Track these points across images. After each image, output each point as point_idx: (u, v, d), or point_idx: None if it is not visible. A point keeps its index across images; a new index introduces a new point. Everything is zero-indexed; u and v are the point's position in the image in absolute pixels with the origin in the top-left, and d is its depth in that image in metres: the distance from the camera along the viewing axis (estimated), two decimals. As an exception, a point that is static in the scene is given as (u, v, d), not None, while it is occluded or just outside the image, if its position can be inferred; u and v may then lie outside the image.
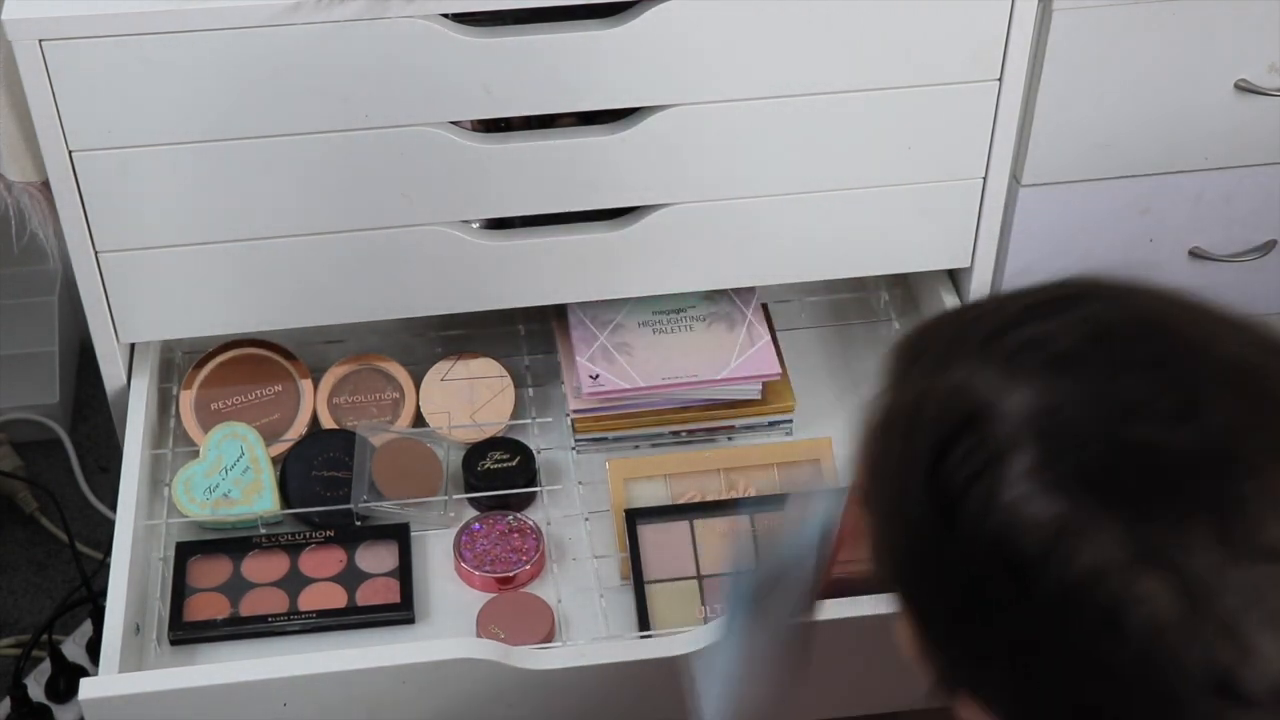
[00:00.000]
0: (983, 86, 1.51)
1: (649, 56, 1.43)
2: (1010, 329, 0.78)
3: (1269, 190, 1.65)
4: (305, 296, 1.55)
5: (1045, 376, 0.75)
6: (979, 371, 0.77)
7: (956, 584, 0.76)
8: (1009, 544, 0.73)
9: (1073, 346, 0.76)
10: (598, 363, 1.61)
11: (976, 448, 0.75)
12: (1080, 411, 0.74)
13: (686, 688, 1.23)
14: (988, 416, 0.75)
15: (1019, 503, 0.73)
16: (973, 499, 0.74)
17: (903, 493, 0.78)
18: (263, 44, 1.37)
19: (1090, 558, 0.71)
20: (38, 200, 1.48)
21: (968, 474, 0.74)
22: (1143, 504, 0.71)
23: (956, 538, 0.75)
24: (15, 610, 1.91)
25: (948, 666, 0.81)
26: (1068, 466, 0.73)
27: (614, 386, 1.59)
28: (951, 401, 0.77)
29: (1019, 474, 0.73)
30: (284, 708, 1.31)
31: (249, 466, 1.55)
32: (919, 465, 0.77)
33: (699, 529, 1.50)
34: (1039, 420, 0.74)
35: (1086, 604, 0.71)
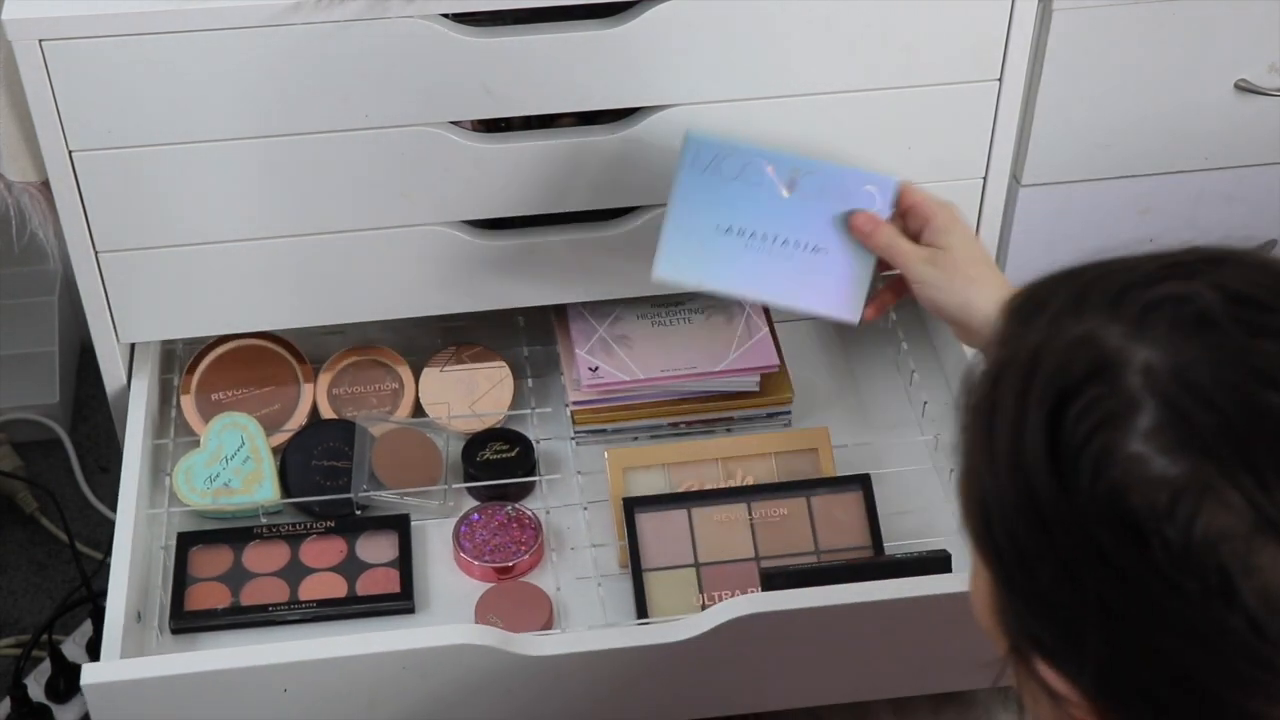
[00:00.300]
0: (983, 86, 1.51)
1: (649, 56, 1.43)
2: (1143, 286, 0.76)
3: (1269, 190, 1.65)
4: (305, 296, 1.55)
5: (1178, 335, 0.74)
6: (1108, 326, 0.75)
7: (1062, 539, 0.74)
8: (1125, 501, 0.72)
9: (1209, 308, 0.74)
10: (597, 355, 1.61)
11: (1101, 399, 0.73)
12: (1212, 373, 0.72)
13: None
14: (1115, 369, 0.74)
15: (1140, 459, 0.72)
16: (1091, 452, 0.73)
17: (1014, 443, 0.76)
18: (263, 44, 1.37)
19: (1210, 522, 0.70)
20: (38, 200, 1.48)
21: (1089, 426, 0.73)
22: (1269, 472, 0.70)
23: (1069, 490, 0.73)
24: (15, 610, 1.91)
25: (1031, 628, 0.79)
26: (1195, 428, 0.71)
27: (613, 379, 1.59)
28: (1077, 352, 0.75)
29: (1143, 430, 0.72)
30: (284, 694, 1.31)
31: (249, 456, 1.55)
32: (1036, 415, 0.75)
33: (697, 518, 1.50)
34: (1169, 378, 0.73)
35: (1200, 568, 0.70)
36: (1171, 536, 0.71)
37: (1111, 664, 0.75)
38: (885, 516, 1.51)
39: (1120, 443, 0.72)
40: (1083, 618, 0.75)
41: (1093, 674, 0.76)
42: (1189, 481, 0.71)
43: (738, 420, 1.63)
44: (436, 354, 1.68)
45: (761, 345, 1.61)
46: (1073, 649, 0.76)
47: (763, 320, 1.63)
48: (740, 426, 1.63)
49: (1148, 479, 0.71)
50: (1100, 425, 0.73)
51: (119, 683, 1.28)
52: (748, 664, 1.38)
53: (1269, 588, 0.70)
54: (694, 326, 1.64)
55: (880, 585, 1.35)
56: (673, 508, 1.51)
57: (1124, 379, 0.73)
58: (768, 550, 1.49)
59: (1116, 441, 0.72)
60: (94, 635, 1.76)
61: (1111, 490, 0.72)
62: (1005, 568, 0.79)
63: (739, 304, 1.65)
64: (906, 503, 1.56)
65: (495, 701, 1.35)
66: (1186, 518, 0.70)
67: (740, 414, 1.63)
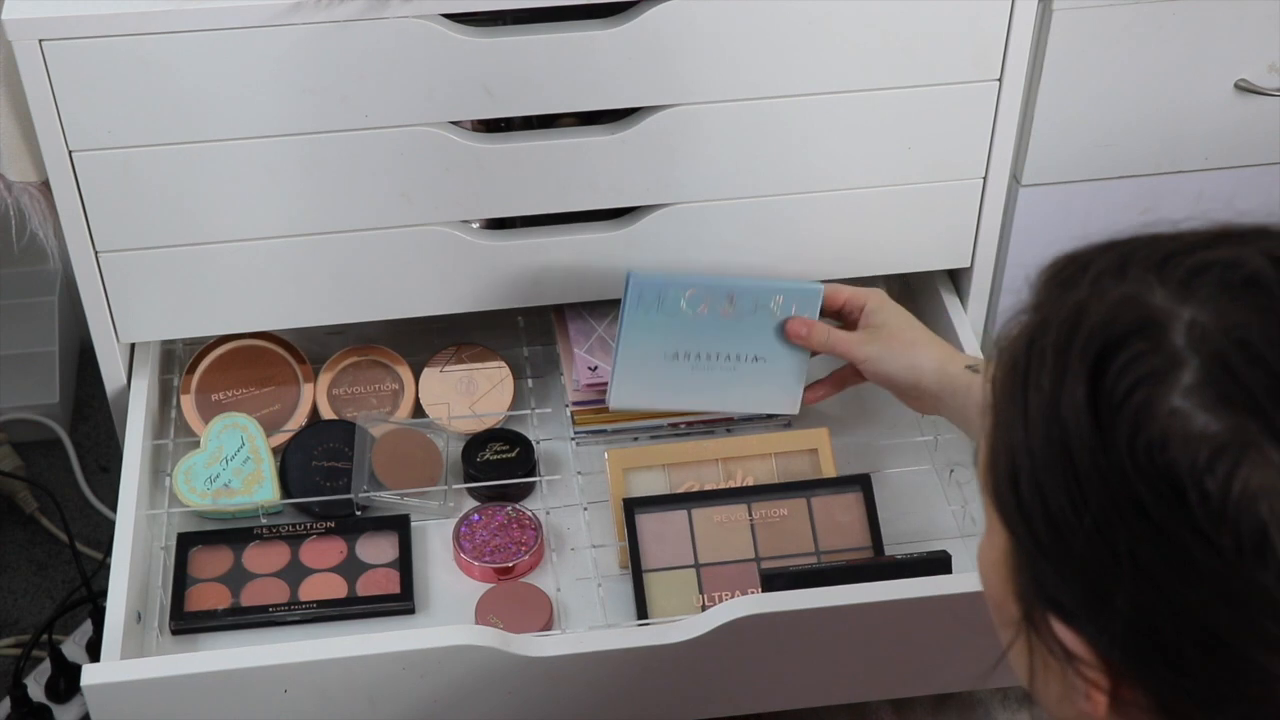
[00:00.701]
0: (983, 86, 1.51)
1: (649, 56, 1.43)
2: (1189, 252, 0.77)
3: (1269, 190, 1.65)
4: (305, 296, 1.55)
5: (1226, 297, 0.74)
6: (1154, 287, 0.76)
7: (1096, 494, 0.74)
8: (1164, 455, 0.72)
9: (1259, 271, 0.75)
10: (596, 354, 1.62)
11: (1145, 355, 0.73)
12: (1258, 335, 0.73)
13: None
14: (1160, 327, 0.74)
15: (1182, 415, 0.72)
16: (1132, 406, 0.73)
17: (1053, 397, 0.76)
18: (263, 44, 1.37)
19: (1250, 478, 0.70)
20: (38, 200, 1.48)
21: (1131, 381, 0.73)
22: None
23: (1108, 445, 0.73)
24: (15, 610, 1.91)
25: (1052, 589, 0.78)
26: (1238, 386, 0.72)
27: None
28: (1122, 309, 0.75)
29: (1187, 386, 0.72)
30: (284, 694, 1.31)
31: (249, 457, 1.55)
32: (1078, 369, 0.75)
33: (697, 518, 1.50)
34: (1214, 337, 0.73)
35: (1237, 524, 0.70)
36: (1210, 490, 0.71)
37: (1137, 623, 0.75)
38: (885, 517, 1.51)
39: (1162, 398, 0.72)
40: (1112, 575, 0.74)
41: (1117, 634, 0.76)
42: (1231, 438, 0.71)
43: (738, 420, 1.63)
44: (436, 354, 1.68)
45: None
46: (1097, 608, 0.76)
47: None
48: (740, 427, 1.63)
49: (1189, 434, 0.71)
50: (1142, 380, 0.73)
51: (119, 683, 1.28)
52: (748, 664, 1.38)
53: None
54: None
55: (880, 586, 1.35)
56: (673, 508, 1.51)
57: (1169, 336, 0.73)
58: (768, 551, 1.49)
59: (1159, 397, 0.72)
60: (94, 635, 1.76)
61: (1151, 445, 0.72)
62: (1030, 527, 0.78)
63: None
64: (906, 503, 1.56)
65: (495, 702, 1.35)
66: (1226, 473, 0.70)
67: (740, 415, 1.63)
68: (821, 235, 1.58)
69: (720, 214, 1.55)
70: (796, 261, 1.60)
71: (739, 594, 1.40)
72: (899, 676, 1.45)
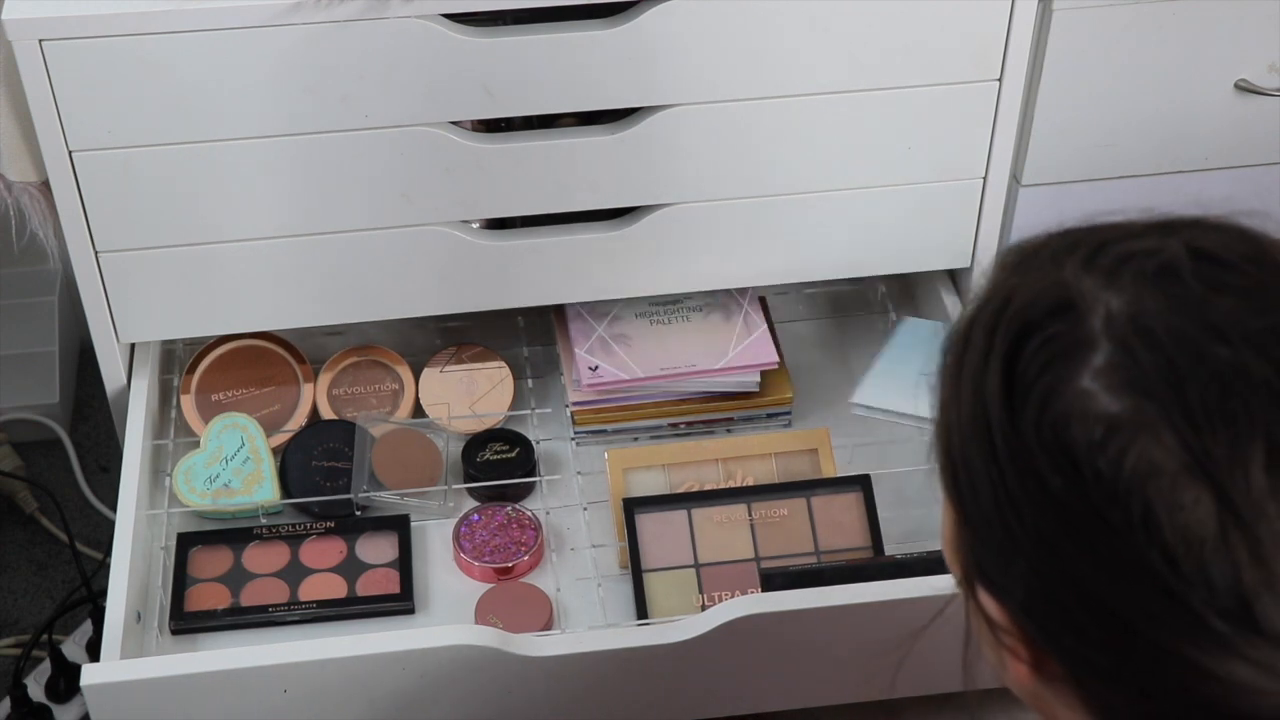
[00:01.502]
0: (983, 86, 1.51)
1: (649, 56, 1.43)
2: (1121, 241, 0.81)
3: (1269, 190, 1.65)
4: (305, 296, 1.55)
5: (1142, 285, 0.77)
6: (1083, 275, 0.78)
7: (1008, 466, 0.77)
8: (1066, 432, 0.74)
9: (1173, 260, 0.78)
10: (596, 354, 1.62)
11: (1058, 336, 0.76)
12: (1168, 322, 0.75)
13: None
14: (1080, 311, 0.76)
15: (1086, 395, 0.74)
16: (1043, 385, 0.75)
17: (978, 375, 0.79)
18: (263, 44, 1.37)
19: (1141, 457, 0.72)
20: (38, 200, 1.48)
21: (1044, 359, 0.76)
22: (1206, 420, 0.73)
23: (1018, 420, 0.76)
24: (15, 610, 1.91)
25: (977, 554, 0.82)
26: (1141, 370, 0.74)
27: (613, 378, 1.60)
28: (1047, 293, 0.78)
29: (1094, 368, 0.75)
30: (284, 694, 1.31)
31: (249, 457, 1.55)
32: (1000, 348, 0.78)
33: (697, 518, 1.50)
34: (1125, 323, 0.75)
35: (1128, 500, 0.72)
36: (1103, 468, 0.73)
37: (1038, 591, 0.78)
38: (885, 517, 1.51)
39: (1071, 378, 0.75)
40: (1017, 544, 0.78)
41: (1021, 600, 0.79)
42: (1127, 418, 0.73)
43: (738, 421, 1.63)
44: (436, 354, 1.68)
45: (760, 342, 1.61)
46: (1007, 575, 0.79)
47: (760, 317, 1.64)
48: (740, 427, 1.63)
49: (1089, 413, 0.74)
50: (1054, 359, 0.76)
51: (119, 683, 1.29)
52: (748, 664, 1.38)
53: (1189, 526, 0.72)
54: (692, 324, 1.64)
55: (880, 585, 1.35)
56: (673, 508, 1.51)
57: (1086, 320, 0.76)
58: (768, 550, 1.49)
59: (1067, 377, 0.75)
60: (94, 635, 1.76)
61: (1055, 422, 0.75)
62: (960, 495, 0.82)
63: (737, 301, 1.65)
64: (906, 503, 1.56)
65: (495, 701, 1.35)
66: (1118, 451, 0.73)
67: (740, 414, 1.63)
68: (821, 235, 1.58)
69: (720, 214, 1.55)
70: (796, 262, 1.60)
71: (739, 594, 1.40)
72: (898, 676, 1.44)
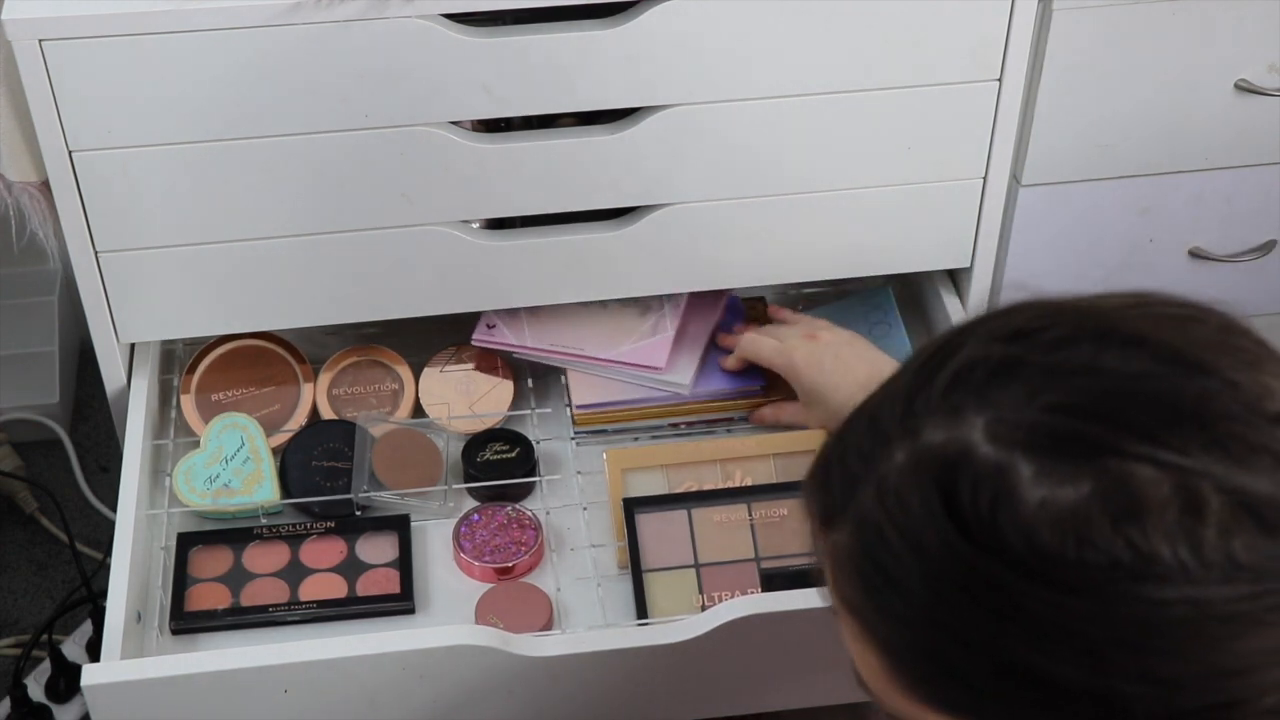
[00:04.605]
0: (983, 86, 1.51)
1: (649, 56, 1.43)
2: (916, 395, 0.78)
3: (1269, 190, 1.65)
4: (305, 296, 1.55)
5: (988, 393, 0.76)
6: (916, 439, 0.76)
7: (1027, 609, 0.73)
8: (1068, 537, 0.72)
9: (998, 357, 0.77)
10: (502, 314, 1.64)
11: (978, 486, 0.74)
12: (1044, 396, 0.74)
13: None
14: (961, 452, 0.75)
15: (1051, 501, 0.72)
16: (1006, 525, 0.73)
17: (922, 558, 0.75)
18: (263, 44, 1.37)
19: (1152, 505, 0.71)
20: (38, 200, 1.48)
21: (987, 509, 0.73)
22: (1158, 437, 0.72)
23: (1008, 565, 0.73)
24: (15, 610, 1.91)
25: (936, 688, 0.79)
26: (1072, 446, 0.73)
27: (501, 340, 1.63)
28: (921, 472, 0.76)
29: (1030, 479, 0.73)
30: (285, 694, 1.31)
31: (249, 457, 1.55)
32: (934, 525, 0.75)
33: (696, 518, 1.50)
34: (1014, 428, 0.74)
35: (1164, 557, 0.71)
36: (1130, 547, 0.71)
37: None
38: (885, 517, 1.51)
39: (1020, 500, 0.72)
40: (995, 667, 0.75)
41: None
42: (1103, 489, 0.72)
43: (738, 420, 1.63)
44: (436, 354, 1.68)
45: (656, 346, 1.60)
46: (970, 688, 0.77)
47: (673, 323, 1.62)
48: (741, 427, 1.63)
49: (1062, 514, 0.72)
50: (995, 500, 0.73)
51: (119, 683, 1.28)
52: (748, 664, 1.38)
53: (1220, 531, 0.71)
54: (607, 312, 1.64)
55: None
56: (672, 508, 1.51)
57: (976, 457, 0.74)
58: (768, 550, 1.49)
59: (1016, 503, 0.72)
60: (94, 635, 1.76)
61: (1044, 547, 0.72)
62: (932, 659, 0.78)
63: (666, 304, 1.64)
64: (906, 503, 1.55)
65: (495, 702, 1.35)
66: (1132, 519, 0.71)
67: (741, 415, 1.63)
68: (821, 235, 1.58)
69: (720, 214, 1.55)
70: (797, 262, 1.60)
71: (739, 594, 1.40)
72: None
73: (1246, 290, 1.72)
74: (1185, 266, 1.69)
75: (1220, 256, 1.69)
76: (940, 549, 0.75)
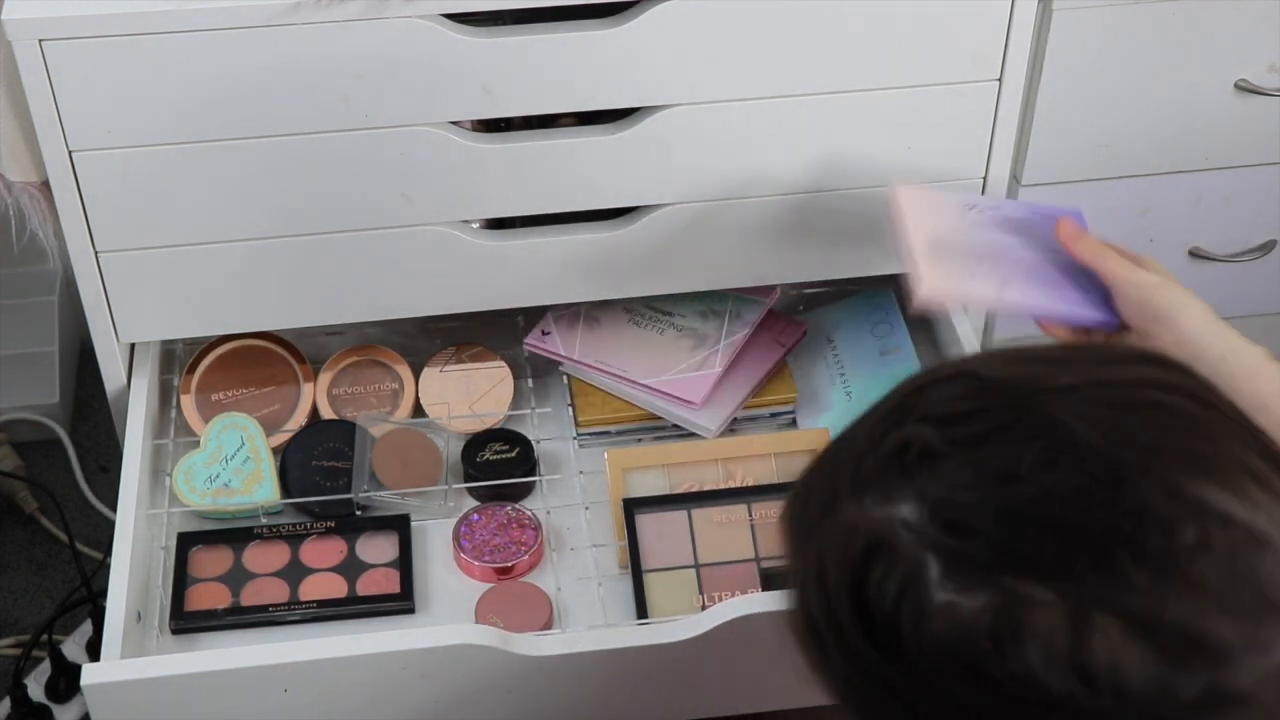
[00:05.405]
0: (983, 86, 1.51)
1: (649, 56, 1.43)
2: (870, 450, 0.79)
3: (1269, 190, 1.65)
4: (305, 296, 1.55)
5: (916, 481, 0.76)
6: (857, 505, 0.77)
7: (920, 700, 0.75)
8: (959, 648, 0.72)
9: (926, 442, 0.77)
10: (560, 323, 1.65)
11: (889, 573, 0.74)
12: (961, 496, 0.74)
13: None
14: (884, 540, 0.75)
15: (951, 607, 0.73)
16: (906, 620, 0.74)
17: (838, 637, 0.77)
18: (263, 44, 1.37)
19: (1039, 632, 0.71)
20: (38, 200, 1.48)
21: (892, 599, 0.74)
22: (1061, 560, 0.72)
23: (905, 658, 0.74)
24: (15, 610, 1.91)
25: None
26: (978, 555, 0.73)
27: (553, 349, 1.64)
28: (848, 542, 0.77)
29: (938, 579, 0.73)
30: (284, 694, 1.31)
31: (249, 456, 1.55)
32: (844, 610, 0.76)
33: (697, 518, 1.50)
34: (929, 522, 0.74)
35: (1049, 683, 0.71)
36: (1012, 664, 0.71)
37: None
38: (885, 517, 1.51)
39: (926, 599, 0.73)
40: None
41: None
42: (1001, 606, 0.71)
43: (740, 420, 1.63)
44: (436, 354, 1.68)
45: (698, 382, 1.60)
46: None
47: (722, 364, 1.61)
48: (743, 426, 1.63)
49: (967, 622, 0.72)
50: (902, 593, 0.74)
51: (119, 683, 1.28)
52: (748, 664, 1.38)
53: (1111, 659, 0.70)
54: (660, 338, 1.64)
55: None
56: (673, 508, 1.51)
57: (896, 544, 0.75)
58: (768, 550, 1.49)
59: (923, 600, 0.73)
60: (94, 635, 1.76)
61: (943, 643, 0.73)
62: None
63: (716, 337, 1.63)
64: (906, 503, 1.55)
65: (495, 701, 1.35)
66: (1018, 639, 0.71)
67: (743, 415, 1.63)
68: (822, 235, 1.58)
69: (720, 214, 1.55)
70: (797, 262, 1.60)
71: (739, 594, 1.40)
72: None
73: (1246, 290, 1.72)
74: (1185, 267, 1.69)
75: (1220, 256, 1.69)
76: (849, 635, 0.76)
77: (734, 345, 1.62)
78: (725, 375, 1.61)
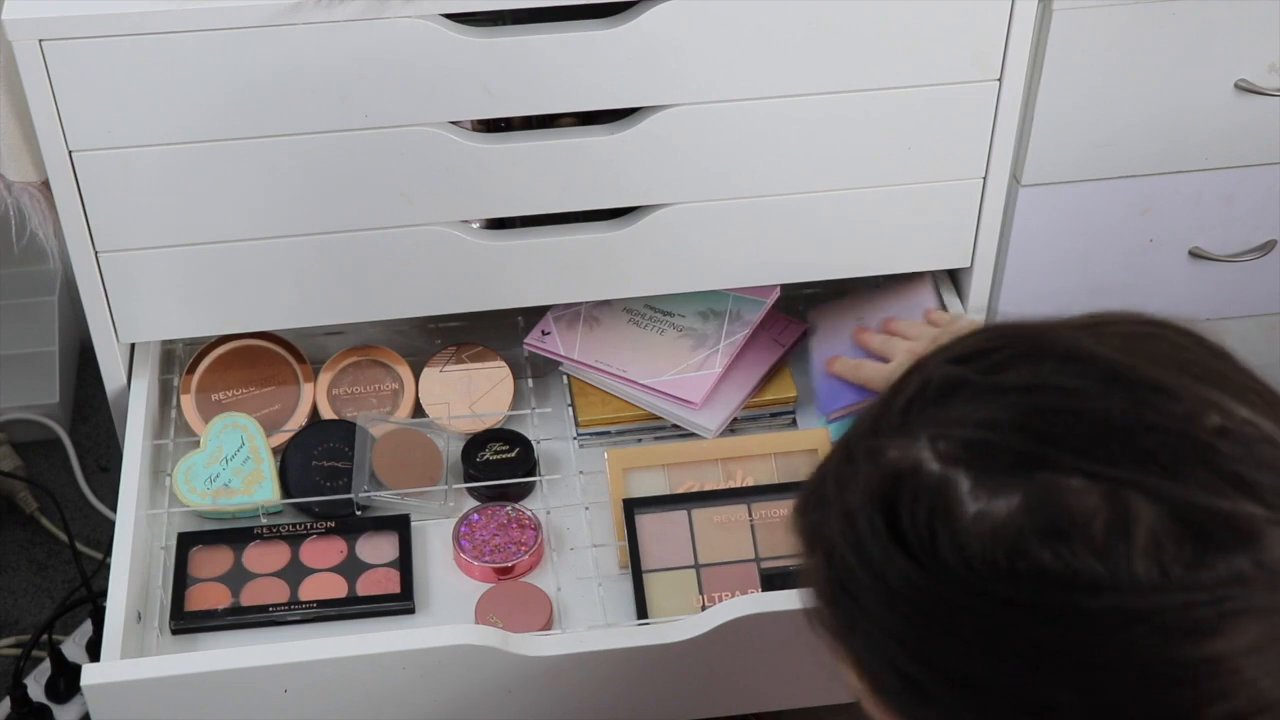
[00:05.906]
0: (983, 86, 1.51)
1: (649, 56, 1.43)
2: (882, 415, 0.80)
3: (1269, 190, 1.65)
4: (305, 296, 1.55)
5: (941, 410, 0.78)
6: (878, 449, 0.78)
7: (963, 623, 0.75)
8: (999, 552, 0.73)
9: (944, 377, 0.79)
10: (560, 323, 1.65)
11: (919, 497, 0.75)
12: (983, 413, 0.76)
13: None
14: (910, 467, 0.76)
15: (985, 514, 0.73)
16: (943, 538, 0.74)
17: (873, 576, 0.77)
18: (263, 44, 1.37)
19: (1077, 518, 0.72)
20: (38, 200, 1.48)
21: (925, 522, 0.75)
22: (1089, 449, 0.73)
23: (945, 576, 0.74)
24: (15, 610, 1.91)
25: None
26: (1006, 460, 0.74)
27: (553, 349, 1.64)
28: (872, 482, 0.78)
29: (969, 492, 0.74)
30: (284, 694, 1.31)
31: (249, 457, 1.55)
32: (879, 545, 0.76)
33: (697, 518, 1.50)
34: (955, 444, 0.76)
35: (1091, 571, 0.71)
36: (1057, 563, 0.72)
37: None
38: (885, 516, 1.51)
39: (959, 514, 0.74)
40: (1008, 683, 0.75)
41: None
42: (1032, 503, 0.73)
43: (741, 420, 1.63)
44: (436, 354, 1.68)
45: (698, 382, 1.60)
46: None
47: (723, 365, 1.62)
48: (743, 426, 1.63)
49: (998, 527, 0.73)
50: (934, 513, 0.75)
51: (119, 683, 1.28)
52: (748, 664, 1.38)
53: (1147, 541, 0.71)
54: (660, 338, 1.64)
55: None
56: (673, 508, 1.51)
57: (922, 469, 0.76)
58: (768, 550, 1.49)
59: (955, 515, 0.74)
60: (94, 635, 1.76)
61: (982, 556, 0.73)
62: (908, 675, 0.79)
63: (716, 338, 1.63)
64: (906, 503, 1.55)
65: (495, 701, 1.35)
66: (1055, 535, 0.72)
67: (743, 414, 1.63)
68: (821, 235, 1.58)
69: (720, 214, 1.55)
70: (797, 262, 1.60)
71: (739, 594, 1.40)
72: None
73: (1246, 290, 1.72)
74: (1185, 266, 1.69)
75: (1220, 256, 1.69)
76: (885, 567, 0.76)
77: (734, 345, 1.62)
78: (725, 375, 1.61)
